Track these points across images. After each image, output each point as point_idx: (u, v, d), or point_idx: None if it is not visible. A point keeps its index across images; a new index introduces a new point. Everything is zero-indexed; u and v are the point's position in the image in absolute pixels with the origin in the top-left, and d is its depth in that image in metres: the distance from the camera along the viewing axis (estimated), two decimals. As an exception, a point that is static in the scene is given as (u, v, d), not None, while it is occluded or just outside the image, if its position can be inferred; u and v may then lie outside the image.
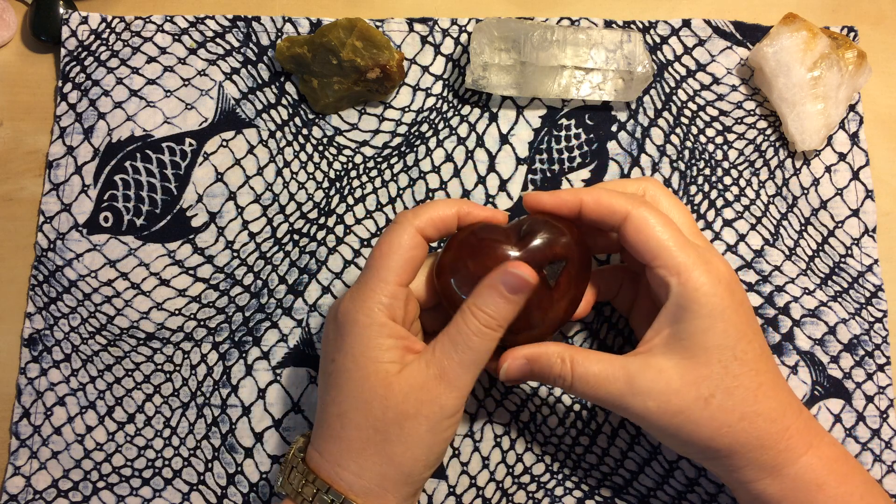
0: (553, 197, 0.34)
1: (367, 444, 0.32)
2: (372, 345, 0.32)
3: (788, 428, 0.32)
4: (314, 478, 0.32)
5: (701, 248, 0.33)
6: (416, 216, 0.34)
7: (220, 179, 0.44)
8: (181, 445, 0.41)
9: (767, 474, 0.32)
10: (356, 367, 0.32)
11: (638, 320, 0.38)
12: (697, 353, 0.31)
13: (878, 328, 0.42)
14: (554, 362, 0.33)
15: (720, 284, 0.32)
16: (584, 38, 0.42)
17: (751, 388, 0.32)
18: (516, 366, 0.34)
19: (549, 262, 0.34)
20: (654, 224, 0.32)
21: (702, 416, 0.31)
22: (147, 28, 0.46)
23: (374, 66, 0.42)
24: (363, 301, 0.32)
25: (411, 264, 0.33)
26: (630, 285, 0.39)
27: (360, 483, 0.31)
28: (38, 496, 0.41)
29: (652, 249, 0.32)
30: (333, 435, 0.32)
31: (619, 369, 0.32)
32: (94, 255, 0.43)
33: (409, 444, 0.31)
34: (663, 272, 0.32)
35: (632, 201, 0.33)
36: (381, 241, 0.33)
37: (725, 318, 0.31)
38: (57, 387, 0.42)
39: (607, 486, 0.41)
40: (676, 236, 0.32)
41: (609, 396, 0.32)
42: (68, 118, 0.45)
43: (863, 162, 0.44)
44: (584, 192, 0.34)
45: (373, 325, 0.32)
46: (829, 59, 0.42)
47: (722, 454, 0.32)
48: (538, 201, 0.35)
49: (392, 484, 0.32)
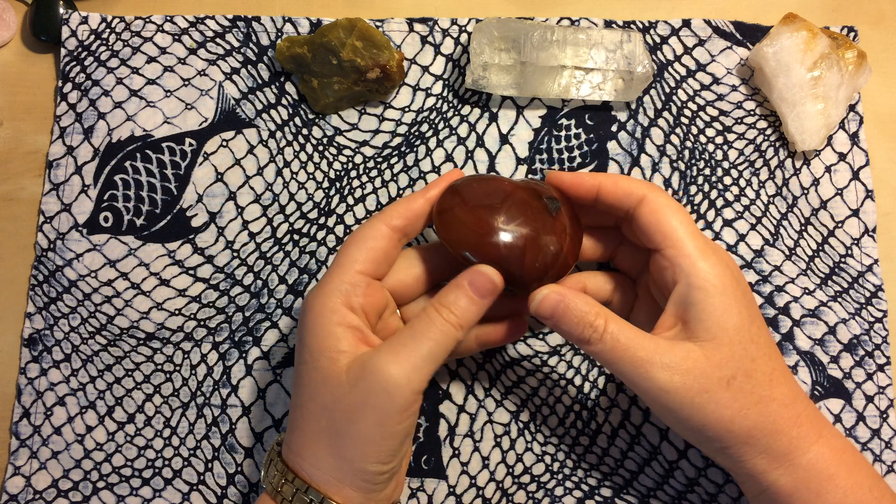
0: (574, 177, 0.36)
1: (321, 436, 0.32)
2: (324, 333, 0.32)
3: (800, 415, 0.32)
4: (284, 469, 0.32)
5: (709, 240, 0.34)
6: (383, 212, 0.35)
7: (220, 179, 0.44)
8: (181, 445, 0.41)
9: (780, 464, 0.32)
10: (310, 356, 0.32)
11: (641, 321, 0.38)
12: (719, 333, 0.32)
13: (878, 328, 0.42)
14: (590, 310, 0.32)
15: (728, 269, 0.33)
16: (584, 38, 0.42)
17: (766, 371, 0.32)
18: (552, 300, 0.33)
19: (548, 196, 0.35)
20: (668, 207, 0.34)
21: (724, 398, 0.31)
22: (147, 28, 0.46)
23: (374, 66, 0.42)
24: (321, 289, 0.33)
25: (374, 253, 0.34)
26: (626, 290, 0.39)
27: (319, 474, 0.32)
28: (38, 496, 0.41)
29: (665, 231, 0.33)
30: (294, 426, 0.33)
31: (650, 340, 0.32)
32: (94, 255, 0.43)
33: (357, 437, 0.31)
34: (672, 253, 0.33)
35: (648, 186, 0.35)
36: (348, 236, 0.34)
37: (738, 298, 0.32)
38: (57, 387, 0.42)
39: (607, 486, 0.41)
40: (688, 223, 0.34)
41: (636, 361, 0.31)
42: (68, 118, 0.45)
43: (863, 162, 0.44)
44: (603, 176, 0.36)
45: (325, 313, 0.32)
46: (829, 59, 0.42)
47: (739, 440, 0.32)
48: (559, 180, 0.36)
49: (347, 477, 0.31)
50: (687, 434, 0.34)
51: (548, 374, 0.42)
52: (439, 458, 0.41)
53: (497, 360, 0.42)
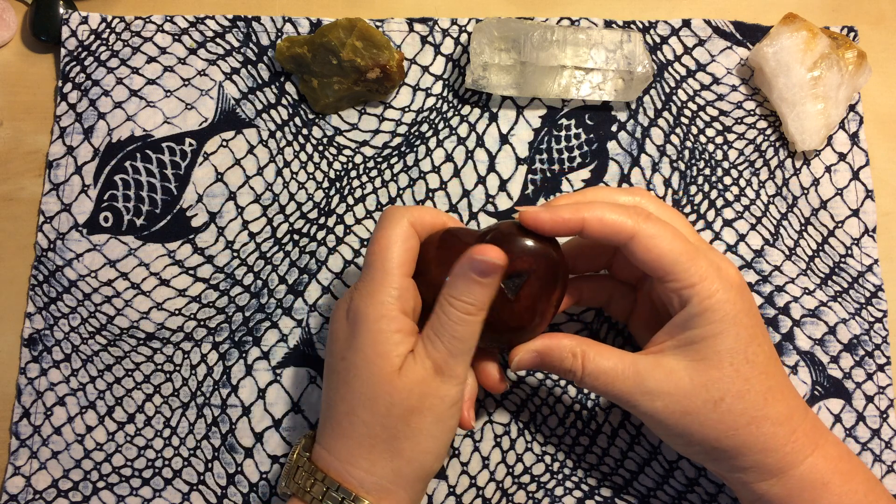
0: (552, 215, 0.32)
1: (376, 441, 0.32)
2: (382, 339, 0.32)
3: (795, 431, 0.32)
4: (323, 476, 0.32)
5: (709, 255, 0.32)
6: (409, 211, 0.34)
7: (220, 179, 0.44)
8: (181, 445, 0.41)
9: (772, 476, 0.32)
10: (365, 363, 0.32)
11: (638, 327, 0.38)
12: (709, 355, 0.31)
13: (878, 328, 0.42)
14: (565, 356, 0.33)
15: (732, 290, 0.32)
16: (584, 38, 0.42)
17: (761, 391, 0.32)
18: (528, 359, 0.34)
19: (507, 277, 0.32)
20: (663, 240, 0.32)
21: (709, 419, 0.32)
22: (147, 28, 0.46)
23: (374, 66, 0.42)
24: (372, 296, 0.32)
25: (410, 255, 0.33)
26: (624, 295, 0.39)
27: (372, 480, 0.32)
28: (38, 496, 0.41)
29: (664, 266, 0.32)
30: (342, 433, 0.32)
31: (630, 366, 0.32)
32: (94, 255, 0.43)
33: (417, 438, 0.32)
34: (676, 286, 0.32)
35: (635, 217, 0.32)
36: (378, 235, 0.33)
37: (738, 322, 0.31)
38: (57, 387, 0.42)
39: (607, 486, 0.41)
40: (685, 248, 0.32)
41: (618, 394, 0.32)
42: (68, 118, 0.45)
43: (863, 162, 0.44)
44: (586, 209, 0.32)
45: (383, 320, 0.32)
46: (829, 59, 0.42)
47: (727, 455, 0.32)
48: (535, 220, 0.32)
49: (405, 480, 0.32)
50: (678, 449, 0.35)
51: (548, 374, 0.42)
52: (439, 458, 0.41)
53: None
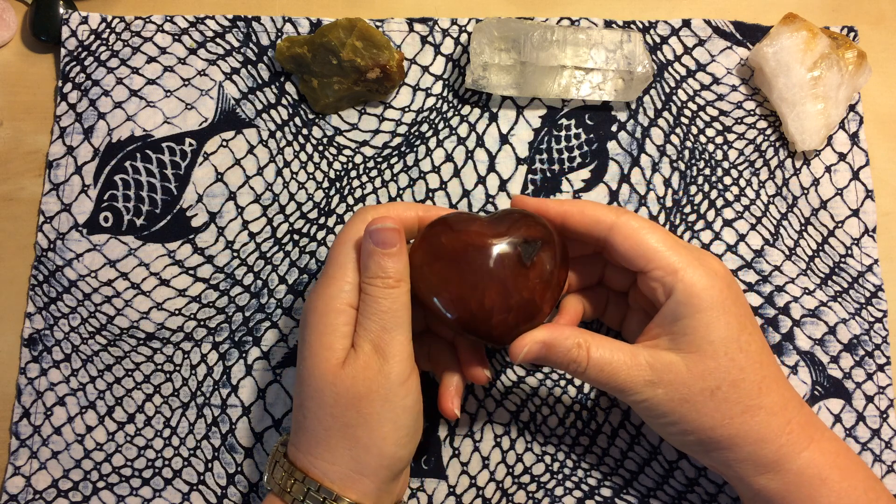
0: (538, 201, 0.35)
1: (330, 432, 0.32)
2: (328, 331, 0.32)
3: (790, 422, 0.32)
4: (292, 469, 0.33)
5: (691, 248, 0.33)
6: (375, 209, 0.34)
7: (220, 179, 0.44)
8: (181, 445, 0.41)
9: (768, 470, 0.32)
10: (311, 355, 0.32)
11: (631, 332, 0.38)
12: (703, 346, 0.32)
13: (878, 328, 0.42)
14: (570, 347, 0.33)
15: (717, 278, 0.32)
16: (584, 38, 0.42)
17: (755, 381, 0.32)
18: (534, 350, 0.33)
19: (523, 241, 0.33)
20: (642, 229, 0.33)
21: (706, 407, 0.32)
22: (147, 28, 0.46)
23: (374, 66, 0.42)
24: (324, 290, 0.33)
25: None
26: (617, 302, 0.39)
27: (335, 469, 0.32)
28: (38, 496, 0.41)
29: (645, 254, 0.32)
30: (300, 426, 0.33)
31: (631, 357, 0.32)
32: (94, 255, 0.43)
33: (370, 424, 0.32)
34: (659, 273, 0.32)
35: (615, 211, 0.34)
36: (340, 232, 0.34)
37: (726, 309, 0.32)
38: (57, 387, 0.42)
39: (607, 486, 0.41)
40: (666, 238, 0.33)
41: (621, 384, 0.32)
42: (68, 118, 0.45)
43: (863, 162, 0.44)
44: (568, 204, 0.34)
45: (330, 313, 0.32)
46: (829, 59, 0.42)
47: (722, 445, 0.32)
48: (524, 201, 0.35)
49: (367, 467, 0.32)
50: (674, 442, 0.35)
51: (548, 373, 0.42)
52: (439, 458, 0.41)
53: (497, 361, 0.42)
